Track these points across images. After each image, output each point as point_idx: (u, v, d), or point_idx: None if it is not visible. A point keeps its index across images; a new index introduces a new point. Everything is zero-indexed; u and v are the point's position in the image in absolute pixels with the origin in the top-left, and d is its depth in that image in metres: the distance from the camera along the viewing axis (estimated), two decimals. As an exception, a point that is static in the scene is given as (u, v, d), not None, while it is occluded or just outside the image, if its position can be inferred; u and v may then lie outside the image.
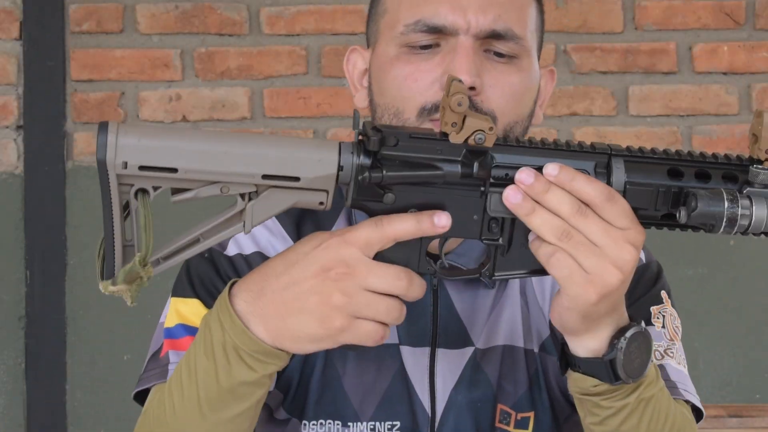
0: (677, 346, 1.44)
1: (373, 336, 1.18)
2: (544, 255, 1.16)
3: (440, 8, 1.35)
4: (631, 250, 1.15)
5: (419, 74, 1.35)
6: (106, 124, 1.12)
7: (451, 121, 1.15)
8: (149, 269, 1.15)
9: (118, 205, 1.14)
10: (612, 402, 1.24)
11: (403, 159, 1.16)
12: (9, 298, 3.40)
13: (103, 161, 1.12)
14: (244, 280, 1.22)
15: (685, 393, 1.40)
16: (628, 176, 1.19)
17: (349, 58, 1.48)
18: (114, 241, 1.15)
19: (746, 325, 3.44)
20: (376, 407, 1.40)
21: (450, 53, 1.35)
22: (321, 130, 3.44)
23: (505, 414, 1.42)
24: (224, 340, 1.20)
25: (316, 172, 1.15)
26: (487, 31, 1.35)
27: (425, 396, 1.40)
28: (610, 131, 3.45)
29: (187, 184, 1.15)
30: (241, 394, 1.23)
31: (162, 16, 3.44)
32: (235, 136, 1.17)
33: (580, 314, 1.18)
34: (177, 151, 1.13)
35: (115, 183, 1.13)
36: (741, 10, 3.45)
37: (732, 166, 1.20)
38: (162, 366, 1.37)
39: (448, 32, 1.35)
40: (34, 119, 3.39)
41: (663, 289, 1.47)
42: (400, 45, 1.37)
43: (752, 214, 1.17)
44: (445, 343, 1.41)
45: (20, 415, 3.40)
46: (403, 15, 1.37)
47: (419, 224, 1.18)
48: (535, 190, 1.15)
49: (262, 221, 1.17)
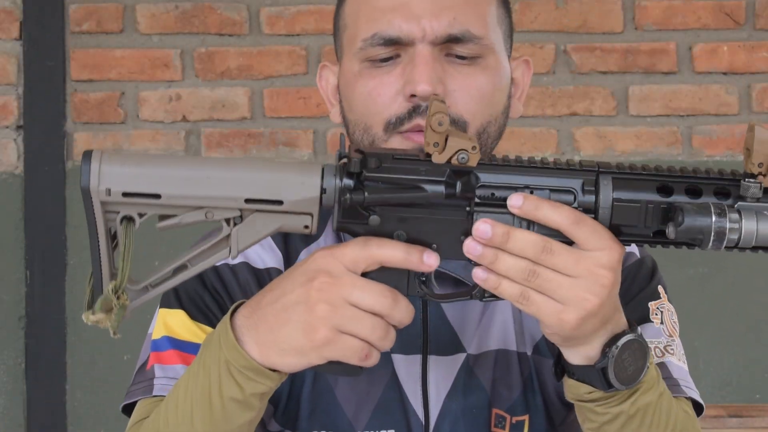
0: (677, 342, 1.43)
1: (358, 353, 1.17)
2: (512, 295, 1.15)
3: (394, 19, 1.33)
4: (605, 273, 1.14)
5: (382, 88, 1.34)
6: (89, 153, 1.14)
7: (433, 141, 1.15)
8: (124, 298, 1.15)
9: (103, 233, 1.15)
10: (607, 408, 1.24)
11: (386, 180, 1.16)
12: (9, 298, 3.40)
13: (86, 188, 1.13)
14: (249, 299, 1.23)
15: (688, 390, 1.39)
16: (616, 193, 1.17)
17: (321, 75, 1.47)
18: (101, 269, 1.16)
19: (746, 325, 3.44)
20: (370, 416, 1.39)
21: (409, 63, 1.33)
22: (321, 130, 3.43)
23: (500, 418, 1.41)
24: (219, 356, 1.20)
25: (299, 195, 1.15)
26: (444, 36, 1.33)
27: (418, 404, 1.40)
28: (610, 131, 3.45)
29: (172, 210, 1.15)
30: (230, 414, 1.22)
31: (162, 16, 3.44)
32: (217, 161, 1.18)
33: (562, 338, 1.18)
34: (160, 177, 1.14)
35: (100, 210, 1.14)
36: (741, 10, 3.45)
37: (723, 181, 1.17)
38: (147, 380, 1.37)
39: (405, 42, 1.33)
40: (34, 119, 3.39)
41: (659, 284, 1.46)
42: (361, 60, 1.36)
43: (741, 227, 1.14)
44: (437, 350, 1.40)
45: (20, 415, 3.40)
46: (361, 29, 1.36)
47: (408, 256, 1.17)
48: (496, 241, 1.14)
49: (247, 246, 1.17)
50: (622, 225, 1.17)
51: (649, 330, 1.41)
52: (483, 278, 1.15)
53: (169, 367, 1.36)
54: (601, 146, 3.43)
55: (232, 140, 3.43)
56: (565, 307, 1.14)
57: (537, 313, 1.15)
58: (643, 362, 1.21)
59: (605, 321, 1.18)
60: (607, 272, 1.14)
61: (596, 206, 1.17)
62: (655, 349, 1.40)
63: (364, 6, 1.37)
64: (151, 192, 1.14)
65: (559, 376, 1.27)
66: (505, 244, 1.14)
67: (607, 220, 1.17)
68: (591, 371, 1.21)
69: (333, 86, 1.45)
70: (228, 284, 1.39)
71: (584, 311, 1.14)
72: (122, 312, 1.16)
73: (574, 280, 1.14)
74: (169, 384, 1.34)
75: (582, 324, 1.15)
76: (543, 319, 1.15)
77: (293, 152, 3.43)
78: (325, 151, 3.42)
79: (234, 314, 1.21)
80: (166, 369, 1.36)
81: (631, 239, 1.19)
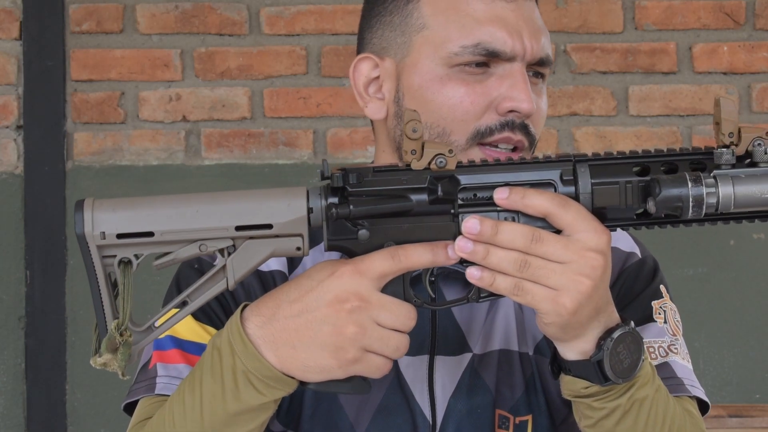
0: (680, 341, 1.44)
1: (382, 369, 1.20)
2: (507, 288, 1.17)
3: (498, 32, 1.35)
4: (595, 255, 1.16)
5: (474, 97, 1.35)
6: (81, 202, 1.18)
7: (410, 149, 1.18)
8: (127, 335, 1.18)
9: (103, 278, 1.18)
10: (604, 403, 1.24)
11: (370, 193, 1.19)
12: (9, 298, 3.40)
13: (82, 234, 1.17)
14: (256, 304, 1.23)
15: (692, 389, 1.40)
16: (594, 179, 1.19)
17: (357, 66, 1.43)
18: (105, 314, 1.19)
19: (746, 325, 3.44)
20: (371, 419, 1.40)
21: (506, 78, 1.35)
22: (321, 130, 3.43)
23: (504, 419, 1.41)
24: (234, 364, 1.21)
25: (287, 217, 1.18)
26: (539, 57, 1.37)
27: (425, 404, 1.40)
28: (610, 131, 3.45)
29: (166, 246, 1.19)
30: (247, 418, 1.23)
31: (162, 16, 3.44)
32: (205, 195, 1.21)
33: (559, 326, 1.19)
34: (151, 216, 1.18)
35: (97, 254, 1.18)
36: (741, 10, 3.45)
37: (698, 155, 1.21)
38: (150, 378, 1.37)
39: (506, 57, 1.35)
40: (34, 119, 3.39)
41: (662, 283, 1.47)
42: (450, 65, 1.36)
43: (718, 192, 1.16)
44: (444, 351, 1.41)
45: (20, 415, 3.40)
46: (455, 35, 1.35)
47: (435, 256, 1.20)
48: (485, 235, 1.16)
49: (244, 275, 1.20)
50: (605, 207, 1.19)
51: (652, 329, 1.42)
52: (477, 277, 1.17)
53: (172, 366, 1.37)
54: (601, 146, 3.43)
55: (232, 140, 3.43)
56: (559, 291, 1.16)
57: (533, 302, 1.17)
58: (638, 355, 1.22)
59: (599, 310, 1.20)
60: (596, 254, 1.16)
61: (576, 193, 1.19)
62: (659, 349, 1.41)
63: (453, 11, 1.37)
64: (144, 231, 1.18)
65: (556, 375, 1.28)
66: (495, 237, 1.16)
67: (589, 204, 1.19)
68: (587, 365, 1.22)
69: (368, 79, 1.43)
70: None
71: (579, 293, 1.16)
72: (127, 350, 1.18)
73: (566, 265, 1.16)
74: (171, 383, 1.35)
75: (578, 308, 1.17)
76: (539, 306, 1.17)
77: (293, 152, 3.43)
78: (325, 151, 3.42)
79: (243, 321, 1.22)
80: (168, 368, 1.37)
81: (616, 224, 1.21)
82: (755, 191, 1.17)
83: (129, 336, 1.18)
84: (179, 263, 1.20)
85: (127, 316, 1.18)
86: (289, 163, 3.42)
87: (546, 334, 1.22)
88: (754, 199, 1.17)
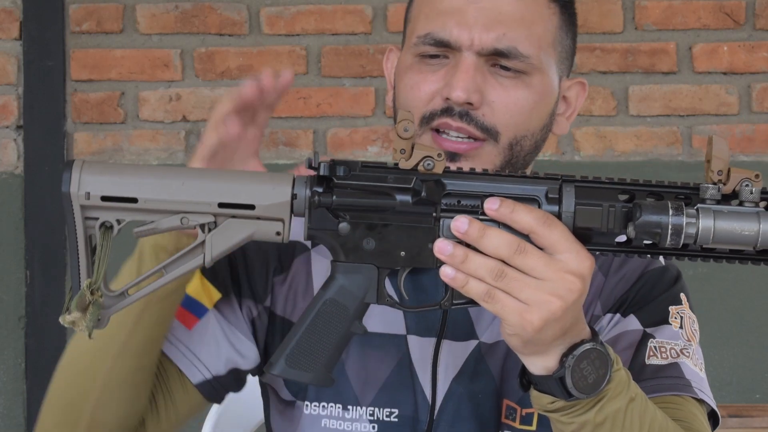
0: (694, 347, 1.45)
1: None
2: (478, 294, 1.17)
3: (448, 23, 1.39)
4: (573, 279, 1.16)
5: (424, 84, 1.40)
6: (71, 162, 1.19)
7: (400, 148, 1.19)
8: (98, 295, 1.19)
9: (82, 238, 1.19)
10: (572, 418, 1.24)
11: (355, 187, 1.20)
12: (9, 298, 3.40)
13: (67, 193, 1.18)
14: None
15: (699, 392, 1.41)
16: (579, 200, 1.20)
17: (388, 57, 1.54)
18: (80, 274, 1.20)
19: (746, 325, 3.44)
20: (376, 394, 1.43)
21: (453, 67, 1.39)
22: (321, 130, 3.44)
23: (511, 410, 1.43)
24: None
25: (270, 200, 1.19)
26: (489, 49, 1.38)
27: (427, 385, 1.43)
28: (610, 131, 3.45)
29: (148, 215, 1.20)
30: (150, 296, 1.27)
31: (162, 16, 3.44)
32: (193, 169, 1.23)
33: (521, 340, 1.19)
34: (137, 183, 1.19)
35: (80, 214, 1.18)
36: (741, 10, 3.45)
37: (685, 189, 1.21)
38: None
39: (453, 47, 1.39)
40: (34, 119, 3.40)
41: (682, 292, 1.48)
42: (414, 54, 1.42)
43: (698, 223, 1.16)
44: (452, 335, 1.44)
45: (20, 415, 3.40)
46: (419, 26, 1.42)
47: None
48: (471, 236, 1.16)
49: (221, 253, 1.21)
50: (587, 229, 1.19)
51: (666, 331, 1.43)
52: (451, 276, 1.17)
53: None
54: (601, 146, 3.43)
55: (232, 140, 3.43)
56: (529, 307, 1.16)
57: (501, 312, 1.17)
58: (604, 371, 1.22)
59: (565, 331, 1.19)
60: (574, 278, 1.16)
61: (559, 212, 1.20)
62: (671, 350, 1.41)
63: (427, 5, 1.43)
64: (128, 196, 1.18)
65: (525, 388, 1.28)
66: (480, 240, 1.16)
67: (570, 223, 1.19)
68: (550, 381, 1.22)
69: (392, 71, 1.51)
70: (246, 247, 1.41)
71: (548, 313, 1.16)
72: (96, 311, 1.19)
73: (542, 282, 1.16)
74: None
75: (544, 327, 1.16)
76: (506, 318, 1.17)
77: (293, 152, 3.44)
78: (325, 152, 3.42)
79: None
80: None
81: (597, 248, 1.21)
82: (735, 228, 1.17)
83: (100, 296, 1.19)
84: (159, 233, 1.21)
85: (101, 276, 1.19)
86: (289, 163, 3.42)
87: (508, 343, 1.22)
88: (733, 236, 1.17)
